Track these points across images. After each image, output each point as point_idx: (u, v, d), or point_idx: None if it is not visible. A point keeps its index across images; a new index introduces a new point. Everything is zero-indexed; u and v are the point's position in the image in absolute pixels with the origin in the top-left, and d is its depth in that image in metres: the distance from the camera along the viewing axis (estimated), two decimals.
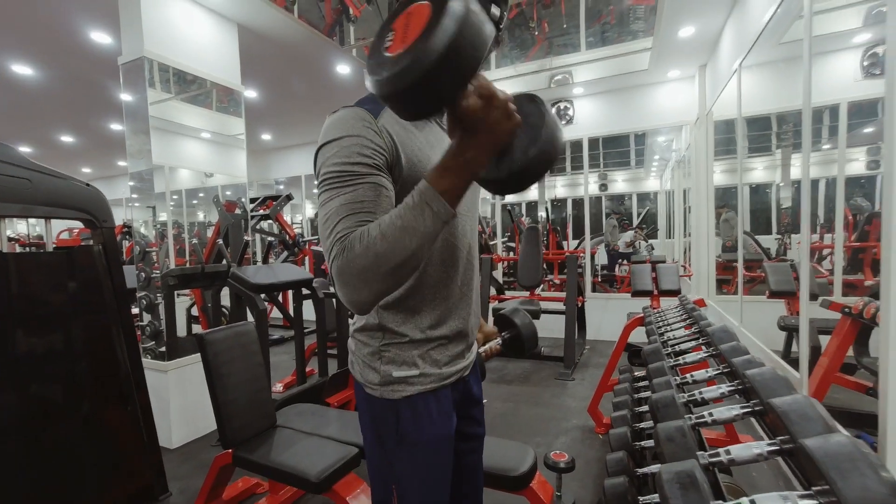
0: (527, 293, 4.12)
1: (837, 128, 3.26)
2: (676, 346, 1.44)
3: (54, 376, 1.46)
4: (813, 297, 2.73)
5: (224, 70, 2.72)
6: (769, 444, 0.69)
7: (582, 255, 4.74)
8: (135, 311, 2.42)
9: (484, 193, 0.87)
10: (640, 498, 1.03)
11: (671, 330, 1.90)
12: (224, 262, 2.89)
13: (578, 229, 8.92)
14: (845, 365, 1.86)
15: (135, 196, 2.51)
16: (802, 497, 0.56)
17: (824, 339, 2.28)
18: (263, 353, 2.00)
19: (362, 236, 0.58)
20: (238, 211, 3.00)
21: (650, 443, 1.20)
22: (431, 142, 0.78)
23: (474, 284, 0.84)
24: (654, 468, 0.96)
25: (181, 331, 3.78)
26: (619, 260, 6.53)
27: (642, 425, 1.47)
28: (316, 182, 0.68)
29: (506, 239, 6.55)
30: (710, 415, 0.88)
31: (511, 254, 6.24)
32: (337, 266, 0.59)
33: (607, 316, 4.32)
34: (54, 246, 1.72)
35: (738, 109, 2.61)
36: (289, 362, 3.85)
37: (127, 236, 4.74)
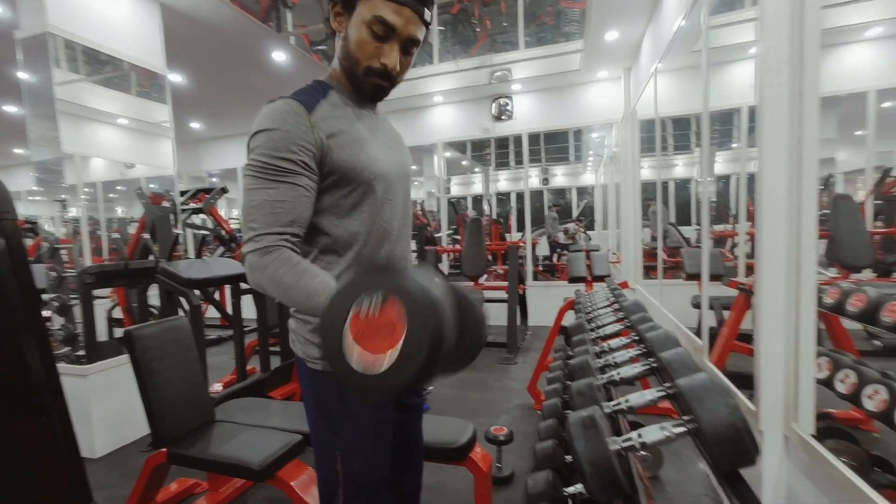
0: (471, 283, 4.26)
1: (740, 129, 3.68)
2: (599, 321, 1.59)
3: None
4: (717, 277, 3.09)
5: (145, 51, 2.53)
6: (658, 390, 0.82)
7: (523, 245, 4.96)
8: (46, 314, 2.21)
9: (431, 187, 0.94)
10: (567, 457, 1.15)
11: (597, 309, 2.08)
12: (151, 257, 2.71)
13: (522, 222, 9.30)
14: (745, 335, 2.15)
15: (39, 189, 2.27)
16: (675, 425, 0.67)
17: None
18: (199, 350, 1.92)
19: (275, 271, 0.69)
20: (166, 204, 2.81)
21: None
22: (370, 127, 0.83)
23: (409, 254, 0.91)
24: None
25: (101, 334, 3.48)
26: (559, 250, 6.90)
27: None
28: (248, 160, 0.71)
29: (451, 231, 6.67)
30: (619, 374, 1.01)
31: (456, 245, 6.37)
32: (249, 262, 0.70)
33: (548, 303, 4.57)
34: None
35: (655, 110, 2.87)
36: (228, 362, 3.68)
37: (30, 233, 4.26)
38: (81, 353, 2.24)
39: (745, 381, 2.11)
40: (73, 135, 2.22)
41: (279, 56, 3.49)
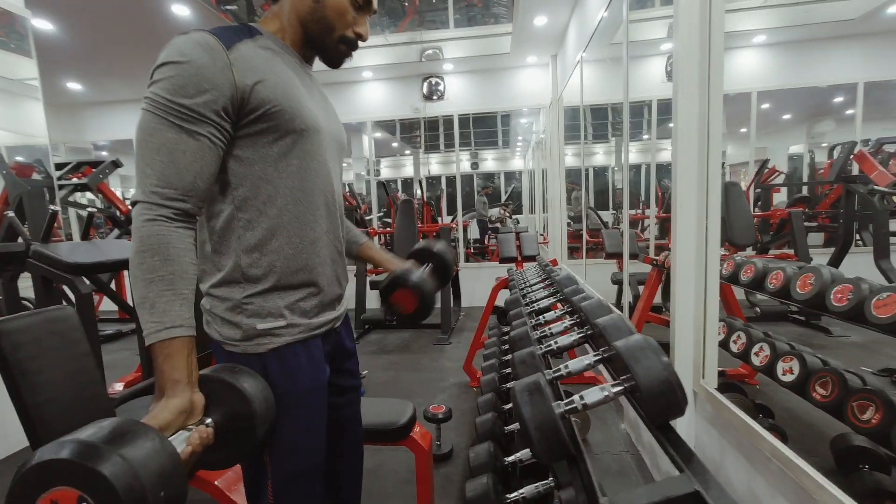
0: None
1: (651, 122, 4.02)
2: (533, 296, 1.64)
3: None
4: (634, 256, 3.38)
5: None
6: (595, 355, 0.85)
7: (455, 227, 5.00)
8: None
9: (360, 168, 0.89)
10: (506, 428, 1.17)
11: (530, 288, 2.16)
12: (20, 240, 2.26)
13: (452, 205, 9.38)
14: (656, 307, 2.37)
15: None
16: (614, 385, 0.70)
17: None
18: (92, 342, 1.65)
19: (148, 247, 0.59)
20: (37, 176, 2.36)
21: (513, 383, 1.37)
22: (306, 85, 0.76)
23: (341, 234, 0.83)
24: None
25: None
26: (489, 233, 7.09)
27: (508, 371, 1.65)
28: (147, 95, 0.61)
29: (381, 214, 6.52)
30: (556, 343, 1.03)
31: (387, 228, 6.25)
32: (136, 214, 0.60)
33: (479, 284, 4.69)
34: None
35: (581, 98, 3.01)
36: (130, 359, 3.26)
37: None
38: None
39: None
40: None
41: (180, 9, 3.05)
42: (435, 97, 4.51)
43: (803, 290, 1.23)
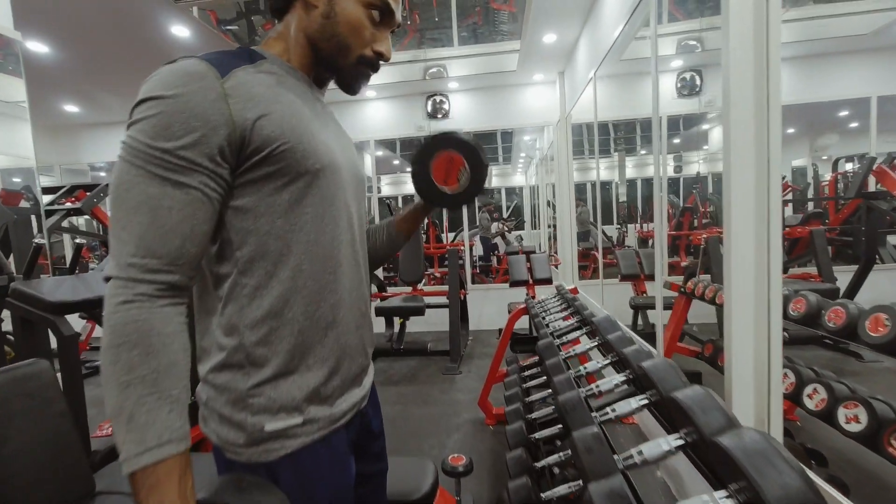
0: (409, 289, 4.04)
1: (662, 136, 3.94)
2: (563, 337, 1.49)
3: None
4: (652, 277, 3.22)
5: None
6: (676, 438, 0.69)
7: (462, 247, 4.86)
8: None
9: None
10: (542, 494, 1.01)
11: (555, 320, 2.01)
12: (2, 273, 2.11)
13: (453, 222, 9.28)
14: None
15: None
16: (725, 498, 0.54)
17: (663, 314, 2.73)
18: (71, 398, 1.48)
19: (125, 340, 0.45)
20: (25, 204, 2.22)
21: (545, 433, 1.23)
22: (317, 112, 0.62)
23: (367, 290, 0.68)
24: (551, 460, 0.96)
25: None
26: (495, 252, 6.95)
27: (535, 415, 1.50)
28: (124, 139, 0.47)
29: None
30: (613, 410, 0.88)
31: None
32: (110, 295, 0.46)
33: (487, 306, 4.52)
34: None
35: (595, 115, 2.91)
36: None
37: None
38: None
39: (694, 379, 2.19)
40: None
41: (180, 31, 2.96)
42: (439, 115, 4.42)
43: (877, 332, 1.09)
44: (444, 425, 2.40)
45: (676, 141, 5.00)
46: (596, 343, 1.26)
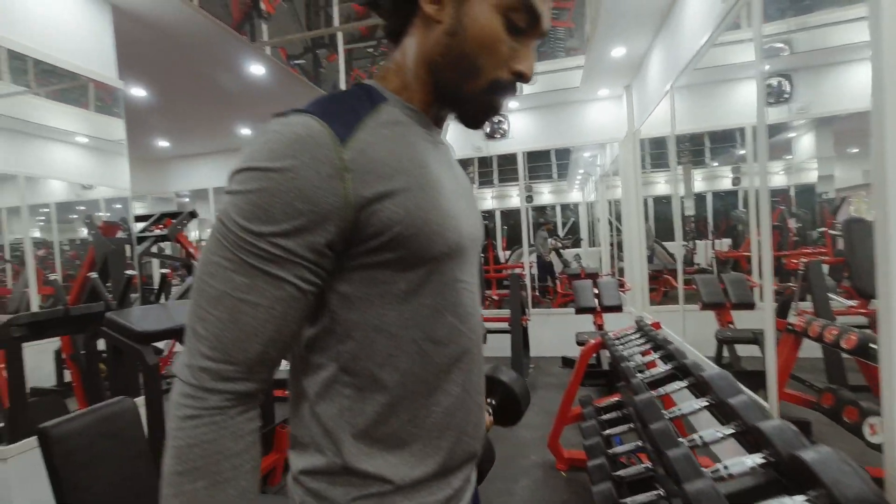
0: None
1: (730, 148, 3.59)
2: (659, 389, 1.31)
3: None
4: (744, 306, 2.86)
5: (92, 59, 2.16)
6: (762, 457, 0.53)
7: (522, 270, 4.70)
8: None
9: None
10: None
11: (632, 354, 1.80)
12: (101, 301, 2.28)
13: (510, 240, 9.10)
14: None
15: None
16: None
17: (748, 348, 2.40)
18: (153, 436, 1.53)
19: (196, 490, 0.39)
20: (121, 234, 2.41)
21: (639, 499, 1.06)
22: (442, 164, 0.52)
23: (482, 383, 0.56)
24: None
25: (48, 380, 3.00)
26: (557, 275, 6.66)
27: (623, 473, 1.34)
28: (219, 211, 0.41)
29: None
30: (726, 468, 0.72)
31: None
32: (178, 395, 0.40)
33: (548, 331, 4.29)
34: None
35: (672, 128, 2.69)
36: None
37: None
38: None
39: (804, 429, 1.86)
40: (16, 153, 1.97)
41: (257, 69, 3.16)
42: (498, 136, 4.35)
43: None
44: (510, 468, 2.24)
45: (742, 152, 4.56)
46: (706, 403, 1.07)
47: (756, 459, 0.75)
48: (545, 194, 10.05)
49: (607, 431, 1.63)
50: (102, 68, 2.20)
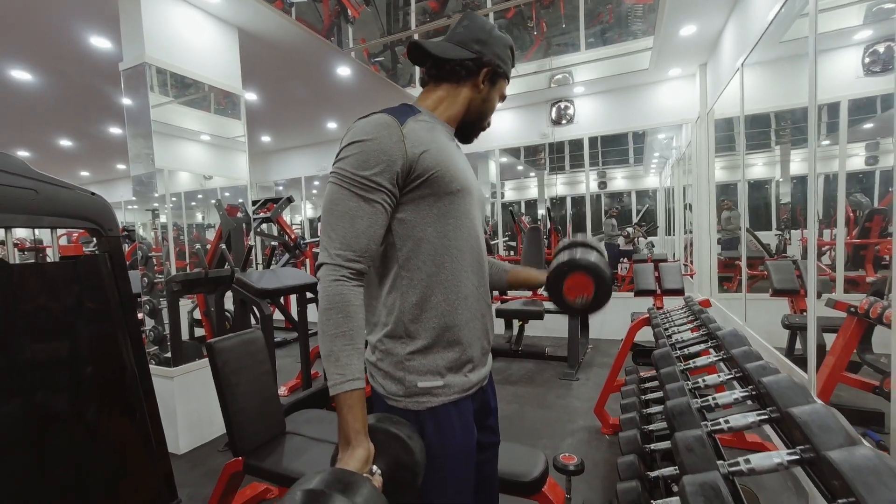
0: (528, 293, 4.13)
1: (838, 124, 3.27)
2: (685, 350, 1.44)
3: (60, 385, 1.45)
4: (817, 294, 2.72)
5: (224, 74, 2.72)
6: (789, 454, 0.69)
7: None
8: (139, 316, 2.42)
9: (485, 192, 0.97)
10: (653, 501, 1.03)
11: (678, 332, 1.90)
12: (227, 266, 2.88)
13: (577, 227, 8.92)
14: (850, 363, 1.87)
15: (135, 199, 2.53)
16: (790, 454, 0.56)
17: (829, 338, 2.30)
18: (270, 360, 2.00)
19: (334, 307, 0.69)
20: (240, 215, 2.99)
21: (660, 445, 1.19)
22: (456, 152, 0.86)
23: (488, 286, 0.88)
24: (666, 471, 0.95)
25: (184, 334, 3.78)
26: (621, 259, 6.53)
27: (651, 427, 1.47)
28: (333, 165, 0.74)
29: (506, 238, 6.55)
30: (727, 422, 0.88)
31: (512, 253, 6.24)
32: (323, 274, 0.70)
33: (609, 315, 4.32)
34: (60, 256, 1.72)
35: (741, 107, 2.61)
36: (292, 365, 3.84)
37: (126, 240, 4.72)
38: (169, 355, 2.42)
39: (861, 418, 1.82)
40: (162, 151, 2.45)
41: (343, 70, 3.60)
42: (564, 122, 4.41)
43: None
44: (558, 429, 2.45)
45: (869, 126, 4.03)
46: (721, 357, 1.22)
47: (784, 456, 0.67)
48: (618, 179, 9.65)
49: (645, 397, 1.77)
50: (230, 80, 2.75)
